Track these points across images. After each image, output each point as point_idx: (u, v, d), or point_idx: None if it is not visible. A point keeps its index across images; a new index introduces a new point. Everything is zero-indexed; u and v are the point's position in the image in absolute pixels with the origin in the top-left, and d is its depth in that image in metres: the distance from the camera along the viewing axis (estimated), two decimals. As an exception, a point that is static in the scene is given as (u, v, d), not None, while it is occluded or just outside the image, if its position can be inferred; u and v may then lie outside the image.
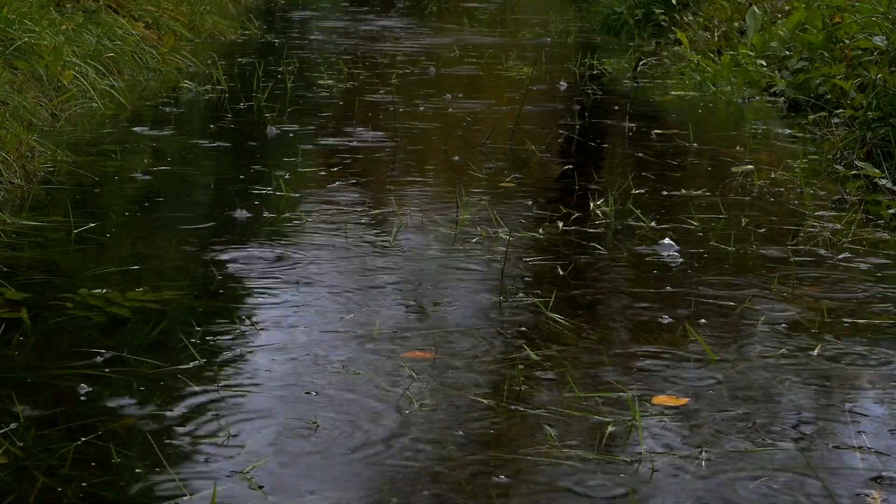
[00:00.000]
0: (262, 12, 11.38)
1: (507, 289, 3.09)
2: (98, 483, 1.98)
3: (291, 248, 3.41)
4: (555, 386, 2.46)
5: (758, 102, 6.53)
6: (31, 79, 5.24)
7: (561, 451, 2.16)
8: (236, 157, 4.77)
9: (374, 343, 2.67)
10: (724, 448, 2.18)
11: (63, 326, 2.70)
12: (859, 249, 3.53)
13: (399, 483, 2.03)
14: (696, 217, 3.85)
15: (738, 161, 4.83)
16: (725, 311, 2.96)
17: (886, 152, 4.55)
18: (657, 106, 6.55)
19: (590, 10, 11.75)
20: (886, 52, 5.23)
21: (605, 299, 3.09)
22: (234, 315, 2.82)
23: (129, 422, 2.21)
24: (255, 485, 1.99)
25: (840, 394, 2.47)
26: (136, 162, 4.49)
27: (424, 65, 7.87)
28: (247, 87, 6.32)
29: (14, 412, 2.22)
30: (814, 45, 6.35)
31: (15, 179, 3.96)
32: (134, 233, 3.56)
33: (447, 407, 2.34)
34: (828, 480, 2.07)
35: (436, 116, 5.85)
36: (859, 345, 2.74)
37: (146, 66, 6.77)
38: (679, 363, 2.60)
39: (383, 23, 11.01)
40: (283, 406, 2.32)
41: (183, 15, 8.38)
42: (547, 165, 4.84)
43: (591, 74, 7.54)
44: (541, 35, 10.40)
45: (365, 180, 4.40)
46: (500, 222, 3.70)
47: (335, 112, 5.99)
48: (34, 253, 3.25)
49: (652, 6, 9.63)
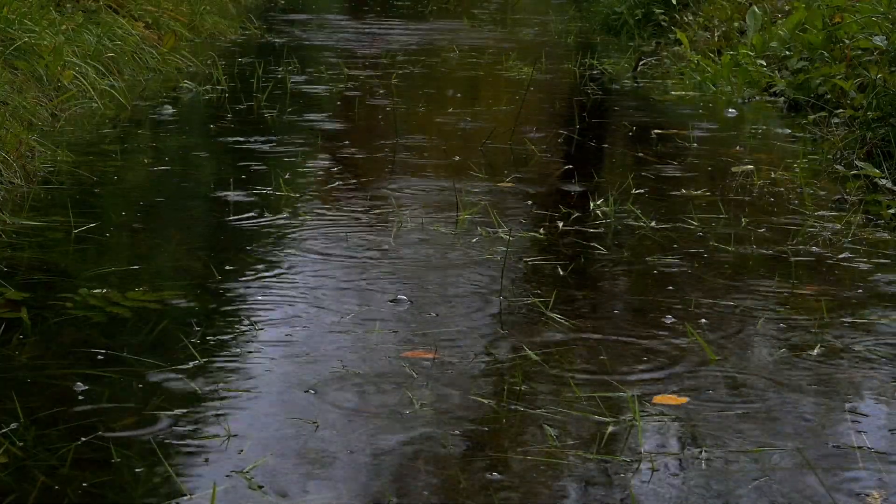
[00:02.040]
0: (262, 12, 11.38)
1: (507, 289, 3.09)
2: (98, 483, 1.98)
3: (291, 248, 3.41)
4: (555, 386, 2.46)
5: (758, 102, 6.53)
6: (31, 79, 5.24)
7: (561, 451, 2.16)
8: (236, 156, 4.77)
9: (374, 343, 2.67)
10: (724, 448, 2.18)
11: (63, 326, 2.70)
12: (859, 249, 3.53)
13: (399, 483, 2.03)
14: (696, 217, 3.85)
15: (738, 161, 4.83)
16: (725, 310, 2.96)
17: (886, 152, 4.55)
18: (657, 106, 6.55)
19: (590, 10, 11.75)
20: (886, 52, 5.23)
21: (605, 299, 3.09)
22: (234, 315, 2.82)
23: (129, 422, 2.21)
24: (255, 485, 1.99)
25: (840, 394, 2.47)
26: (137, 162, 4.49)
27: (424, 64, 7.87)
28: (247, 87, 6.32)
29: (14, 412, 2.22)
30: (814, 45, 6.35)
31: (15, 179, 3.96)
32: (134, 233, 3.56)
33: (447, 407, 2.34)
34: (828, 480, 2.07)
35: (436, 116, 5.85)
36: (859, 345, 2.74)
37: (146, 66, 6.77)
38: (679, 363, 2.60)
39: (383, 23, 11.01)
40: (283, 406, 2.32)
41: (183, 15, 8.38)
42: (547, 165, 4.84)
43: (591, 74, 7.54)
44: (541, 35, 10.39)
45: (365, 180, 4.40)
46: (500, 222, 3.70)
47: (335, 112, 5.98)
48: (34, 253, 3.25)
49: (652, 6, 9.63)
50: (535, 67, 7.32)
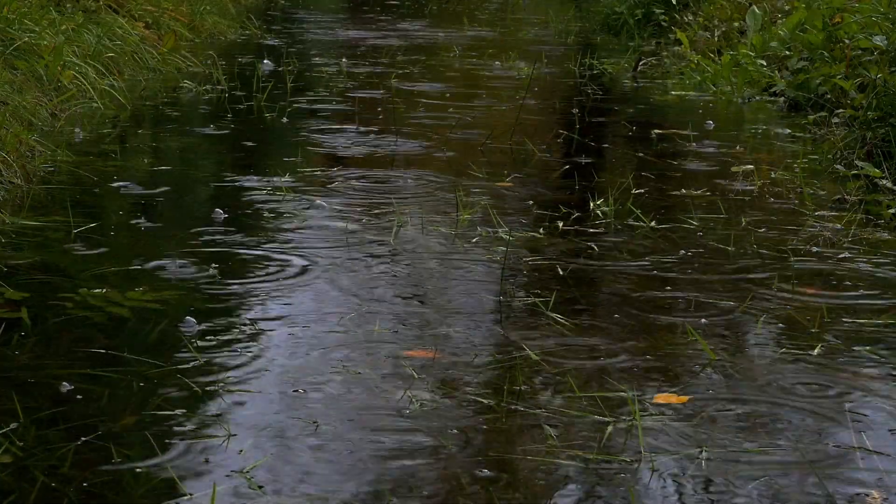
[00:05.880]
0: (262, 12, 11.38)
1: (507, 289, 3.09)
2: (98, 483, 1.98)
3: (291, 248, 3.41)
4: (555, 386, 2.46)
5: (758, 102, 6.53)
6: (31, 79, 5.24)
7: (561, 451, 2.16)
8: (236, 156, 4.77)
9: (374, 343, 2.67)
10: (724, 448, 2.18)
11: (63, 326, 2.70)
12: (859, 249, 3.53)
13: (399, 483, 2.03)
14: (696, 217, 3.85)
15: (738, 161, 4.83)
16: (725, 311, 2.96)
17: (886, 152, 4.55)
18: (657, 106, 6.55)
19: (590, 10, 11.75)
20: (886, 52, 5.23)
21: (605, 299, 3.09)
22: (234, 315, 2.83)
23: (129, 422, 2.21)
24: (255, 484, 1.99)
25: (840, 394, 2.47)
26: (136, 162, 4.49)
27: (425, 64, 7.87)
28: (247, 87, 6.32)
29: (14, 412, 2.22)
30: (814, 45, 6.35)
31: (15, 179, 3.96)
32: (134, 232, 3.56)
33: (447, 406, 2.34)
34: (828, 480, 2.07)
35: (436, 116, 5.85)
36: (859, 345, 2.74)
37: (146, 66, 6.77)
38: (679, 363, 2.60)
39: (383, 22, 11.01)
40: (283, 406, 2.32)
41: (183, 15, 8.38)
42: (547, 165, 4.84)
43: (591, 74, 7.54)
44: (541, 35, 10.39)
45: (365, 180, 4.39)
46: (500, 222, 3.70)
47: (335, 112, 5.98)
48: (34, 253, 3.25)
49: (652, 6, 9.62)
50: (535, 67, 7.32)
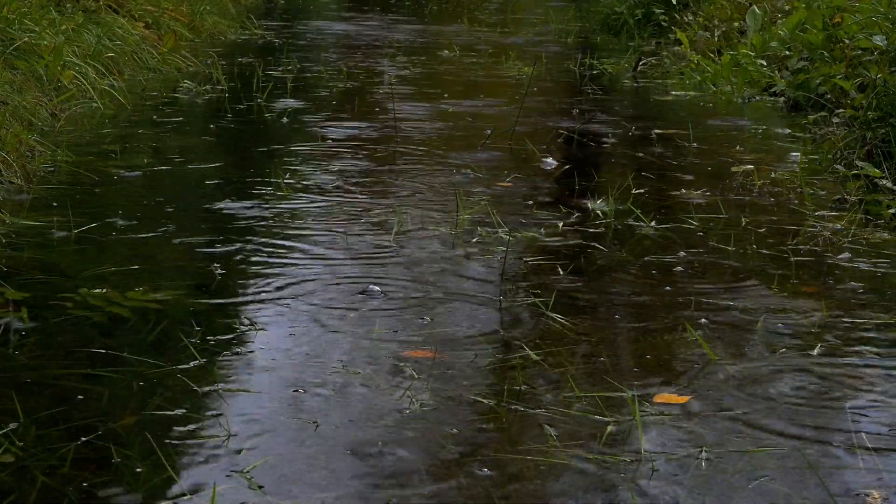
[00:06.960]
0: (262, 12, 11.38)
1: (507, 289, 3.09)
2: (98, 483, 1.98)
3: (291, 248, 3.41)
4: (555, 386, 2.46)
5: (758, 102, 6.53)
6: (31, 79, 5.24)
7: (561, 451, 2.16)
8: (236, 156, 4.77)
9: (374, 343, 2.67)
10: (724, 448, 2.18)
11: (63, 326, 2.70)
12: (859, 249, 3.53)
13: (399, 483, 2.03)
14: (696, 217, 3.85)
15: (738, 161, 4.83)
16: (725, 310, 2.96)
17: (886, 152, 4.55)
18: (657, 106, 6.55)
19: (590, 10, 11.75)
20: (886, 52, 5.23)
21: (605, 299, 3.09)
22: (234, 315, 2.83)
23: (129, 422, 2.21)
24: (255, 485, 1.99)
25: (840, 394, 2.47)
26: (136, 162, 4.49)
27: (424, 64, 7.87)
28: (247, 87, 6.32)
29: (14, 412, 2.22)
30: (814, 45, 6.35)
31: (15, 179, 3.96)
32: (134, 233, 3.56)
33: (447, 406, 2.34)
34: (828, 480, 2.07)
35: (436, 116, 5.85)
36: (859, 345, 2.74)
37: (146, 66, 6.77)
38: (679, 363, 2.60)
39: (383, 22, 11.01)
40: (283, 406, 2.32)
41: (183, 15, 8.38)
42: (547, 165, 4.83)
43: (591, 74, 7.54)
44: (541, 35, 10.39)
45: (365, 180, 4.40)
46: (501, 222, 3.70)
47: (335, 112, 5.98)
48: (34, 253, 3.25)
49: (652, 6, 9.63)
50: (535, 67, 7.32)
